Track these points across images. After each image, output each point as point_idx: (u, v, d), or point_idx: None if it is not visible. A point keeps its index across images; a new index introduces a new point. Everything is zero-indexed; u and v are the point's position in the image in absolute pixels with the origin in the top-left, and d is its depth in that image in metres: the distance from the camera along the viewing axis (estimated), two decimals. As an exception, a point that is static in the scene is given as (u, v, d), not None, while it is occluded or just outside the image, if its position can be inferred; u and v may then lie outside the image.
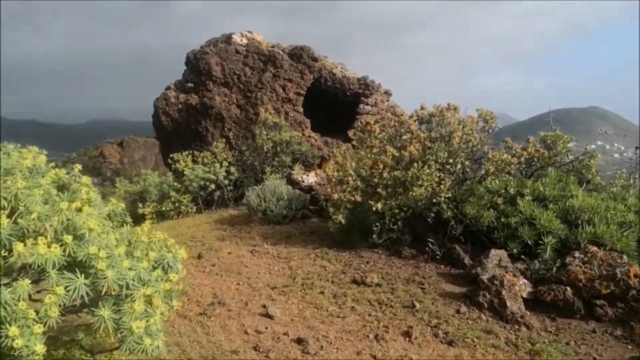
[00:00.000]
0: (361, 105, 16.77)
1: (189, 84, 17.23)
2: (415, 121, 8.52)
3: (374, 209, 8.02)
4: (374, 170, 8.03)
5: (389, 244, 8.40)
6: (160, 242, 3.92)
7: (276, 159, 14.88)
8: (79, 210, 3.30)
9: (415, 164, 7.81)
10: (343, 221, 8.20)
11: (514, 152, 8.51)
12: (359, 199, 8.05)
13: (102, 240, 3.26)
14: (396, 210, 8.07)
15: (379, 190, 8.05)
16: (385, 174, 7.95)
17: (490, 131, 8.97)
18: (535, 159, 8.35)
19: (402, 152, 7.91)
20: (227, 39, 17.43)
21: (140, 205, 14.90)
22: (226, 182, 14.42)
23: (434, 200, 7.67)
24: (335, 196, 8.12)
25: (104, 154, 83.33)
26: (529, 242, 7.29)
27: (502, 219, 7.56)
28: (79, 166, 3.95)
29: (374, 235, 8.19)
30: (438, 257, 7.89)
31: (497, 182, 8.03)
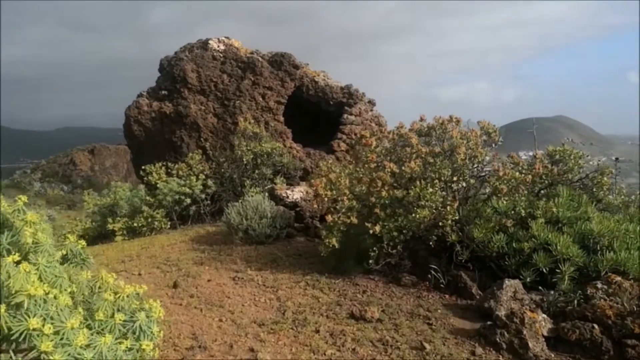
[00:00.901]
0: (345, 115, 16.02)
1: (163, 92, 16.27)
2: (419, 135, 7.77)
3: (371, 231, 7.23)
4: (371, 189, 7.25)
5: (387, 269, 7.61)
6: (131, 296, 3.05)
7: (256, 171, 14.03)
8: (18, 263, 2.43)
9: (418, 182, 7.04)
10: (337, 245, 7.39)
11: (520, 168, 7.81)
12: (355, 221, 7.25)
13: (49, 307, 2.39)
14: (395, 233, 7.28)
15: (377, 210, 7.26)
16: (383, 193, 7.17)
17: (494, 145, 8.27)
18: (544, 176, 7.65)
19: (403, 168, 7.14)
20: (204, 44, 16.56)
21: (110, 220, 13.90)
22: (203, 196, 13.52)
23: (440, 224, 6.90)
24: (329, 218, 7.30)
25: (75, 161, 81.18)
26: (544, 270, 6.58)
27: (514, 244, 6.83)
28: (24, 197, 3.07)
29: (371, 261, 7.40)
30: (442, 285, 7.12)
31: (505, 202, 7.31)
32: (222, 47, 16.36)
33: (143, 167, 14.37)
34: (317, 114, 17.13)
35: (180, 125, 15.72)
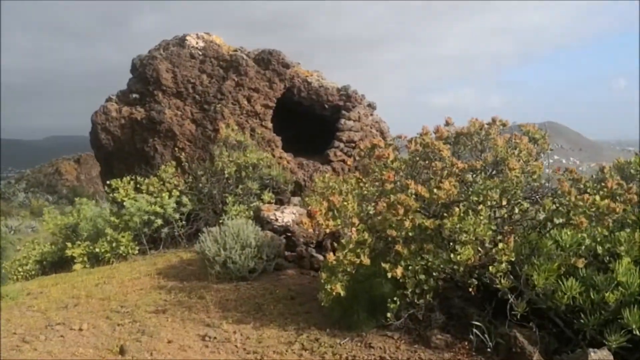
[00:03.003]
0: (342, 120, 14.05)
1: (134, 95, 14.25)
2: (444, 143, 5.83)
3: (389, 275, 5.28)
4: (389, 216, 5.29)
5: (410, 324, 5.65)
6: None
7: (240, 186, 12.03)
8: None
9: (457, 209, 5.10)
10: (342, 292, 5.43)
11: (583, 187, 5.88)
12: (367, 261, 5.29)
13: None
14: (422, 277, 5.35)
15: (398, 247, 5.31)
16: (407, 223, 5.22)
17: (542, 155, 6.37)
18: (618, 197, 5.73)
19: (435, 190, 5.20)
20: (181, 41, 14.57)
21: (69, 244, 11.81)
22: (177, 215, 11.50)
23: (491, 268, 4.95)
24: (331, 257, 5.33)
25: (60, 170, 78.86)
26: (637, 332, 4.67)
27: (592, 294, 4.90)
28: None
29: (389, 314, 5.45)
30: (488, 349, 5.18)
31: (569, 233, 5.36)
32: (201, 44, 14.39)
33: (107, 182, 12.35)
34: (310, 120, 15.18)
35: (153, 133, 13.69)
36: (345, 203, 5.46)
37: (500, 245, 4.89)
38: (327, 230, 5.52)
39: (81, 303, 7.36)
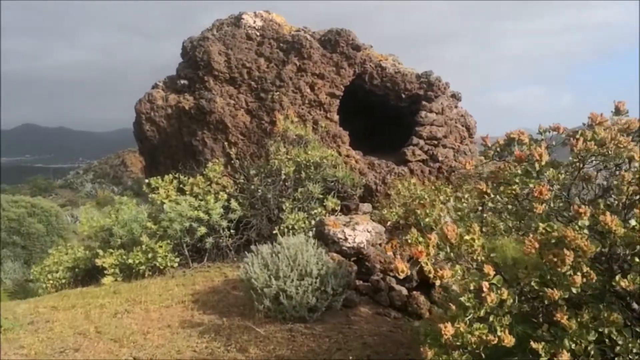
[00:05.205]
0: (423, 113, 11.79)
1: (182, 81, 12.49)
2: (627, 136, 3.59)
3: (543, 357, 3.12)
4: (551, 264, 3.12)
5: None
6: None
7: (299, 189, 10.02)
8: None
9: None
10: (460, 383, 3.29)
11: None
12: (510, 340, 3.13)
13: None
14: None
15: (560, 316, 3.12)
16: (578, 279, 3.03)
17: None
18: None
19: (634, 222, 2.99)
20: (236, 20, 12.71)
21: (100, 252, 10.13)
22: (224, 223, 9.62)
23: None
24: (448, 330, 3.21)
25: (126, 162, 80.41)
26: None
27: None
28: None
29: None
30: None
31: None
32: (259, 23, 12.48)
33: (147, 181, 10.63)
34: (384, 112, 13.03)
35: (202, 125, 11.90)
36: (469, 238, 3.30)
37: None
38: (437, 283, 3.37)
39: (84, 347, 5.51)
